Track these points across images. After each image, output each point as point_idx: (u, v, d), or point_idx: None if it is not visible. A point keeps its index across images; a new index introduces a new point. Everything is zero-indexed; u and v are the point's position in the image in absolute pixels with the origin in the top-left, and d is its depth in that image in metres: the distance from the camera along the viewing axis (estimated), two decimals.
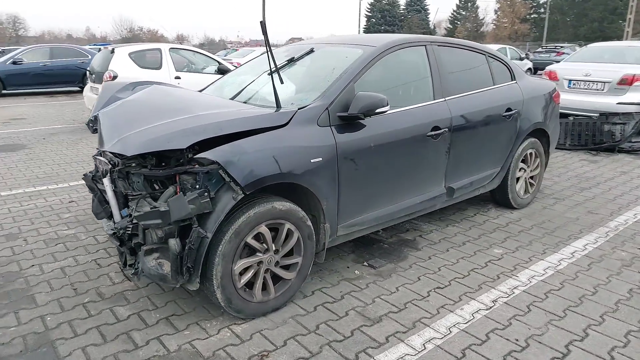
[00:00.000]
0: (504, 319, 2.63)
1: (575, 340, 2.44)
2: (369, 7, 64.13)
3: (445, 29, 66.64)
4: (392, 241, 3.67)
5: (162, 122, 2.51)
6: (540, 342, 2.42)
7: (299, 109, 2.72)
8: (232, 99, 3.21)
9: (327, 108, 2.79)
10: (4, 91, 12.73)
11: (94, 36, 56.27)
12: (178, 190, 2.35)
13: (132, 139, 2.42)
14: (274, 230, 2.59)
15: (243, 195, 2.35)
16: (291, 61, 3.40)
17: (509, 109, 3.92)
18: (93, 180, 2.73)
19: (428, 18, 66.01)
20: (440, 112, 3.39)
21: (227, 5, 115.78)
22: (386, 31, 60.84)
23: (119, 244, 2.48)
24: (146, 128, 2.47)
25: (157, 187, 2.52)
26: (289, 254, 2.71)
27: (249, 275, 2.51)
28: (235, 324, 2.56)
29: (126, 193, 2.49)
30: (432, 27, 67.28)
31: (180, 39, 63.21)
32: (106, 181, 2.57)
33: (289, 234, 2.64)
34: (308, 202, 2.79)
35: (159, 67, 8.22)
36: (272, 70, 2.70)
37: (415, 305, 2.77)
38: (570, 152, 6.83)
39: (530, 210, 4.38)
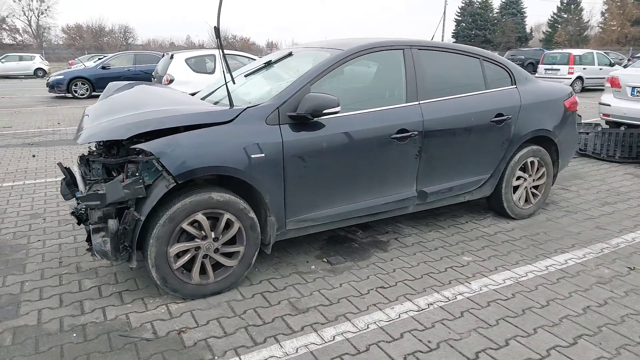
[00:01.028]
0: (429, 321, 2.61)
1: (490, 348, 2.37)
2: (459, 11, 62.29)
3: (544, 32, 62.88)
4: (365, 241, 3.72)
5: (119, 116, 2.84)
6: (451, 347, 2.39)
7: (247, 107, 2.91)
8: (203, 98, 3.48)
9: (277, 108, 2.95)
10: (93, 93, 14.28)
11: (193, 44, 60.42)
12: (124, 177, 2.65)
13: (88, 130, 2.76)
14: (215, 219, 2.80)
15: (175, 184, 2.59)
16: (268, 64, 3.61)
17: (499, 114, 3.80)
18: (66, 167, 3.12)
19: (524, 22, 62.70)
20: (410, 116, 3.39)
21: (315, 13, 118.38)
22: (476, 36, 58.78)
23: (77, 222, 2.83)
24: (102, 122, 2.81)
25: (114, 174, 2.84)
26: (232, 242, 2.90)
27: (185, 258, 2.74)
28: (174, 302, 2.81)
29: (87, 178, 2.83)
30: (529, 31, 63.88)
31: (270, 45, 65.97)
32: (75, 167, 2.94)
33: (230, 223, 2.83)
34: (256, 195, 2.96)
35: (212, 72, 8.82)
36: (226, 72, 2.93)
37: (349, 301, 2.83)
38: (618, 165, 6.30)
39: (531, 221, 4.18)
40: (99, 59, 19.10)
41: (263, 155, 2.83)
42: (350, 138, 3.15)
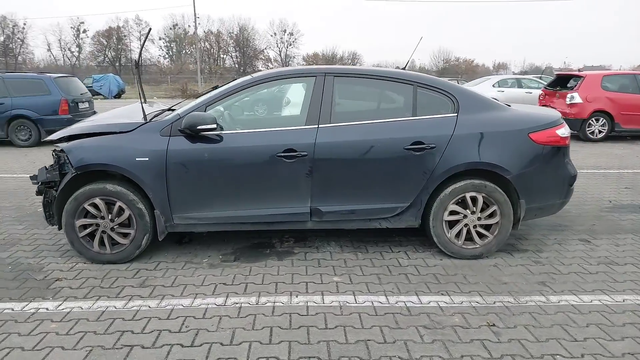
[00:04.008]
0: (203, 313, 2.96)
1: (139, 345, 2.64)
2: None
3: None
4: (280, 250, 4.06)
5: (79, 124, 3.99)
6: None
7: (147, 122, 3.71)
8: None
9: (171, 123, 3.66)
10: None
11: (399, 67, 62.60)
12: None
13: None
14: (113, 204, 3.68)
15: (75, 173, 3.57)
16: (214, 88, 4.32)
17: (418, 142, 3.66)
18: None
19: None
20: (302, 137, 3.64)
21: (552, 34, 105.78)
22: None
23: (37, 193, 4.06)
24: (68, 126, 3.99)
25: None
26: (129, 225, 3.73)
27: (86, 231, 3.69)
28: (84, 263, 3.77)
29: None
30: None
31: (498, 67, 63.43)
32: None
33: (121, 210, 3.67)
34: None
35: None
36: (141, 96, 3.80)
37: (184, 286, 3.35)
38: None
39: (470, 262, 3.81)
40: None
41: (147, 159, 3.58)
42: (234, 152, 3.63)
